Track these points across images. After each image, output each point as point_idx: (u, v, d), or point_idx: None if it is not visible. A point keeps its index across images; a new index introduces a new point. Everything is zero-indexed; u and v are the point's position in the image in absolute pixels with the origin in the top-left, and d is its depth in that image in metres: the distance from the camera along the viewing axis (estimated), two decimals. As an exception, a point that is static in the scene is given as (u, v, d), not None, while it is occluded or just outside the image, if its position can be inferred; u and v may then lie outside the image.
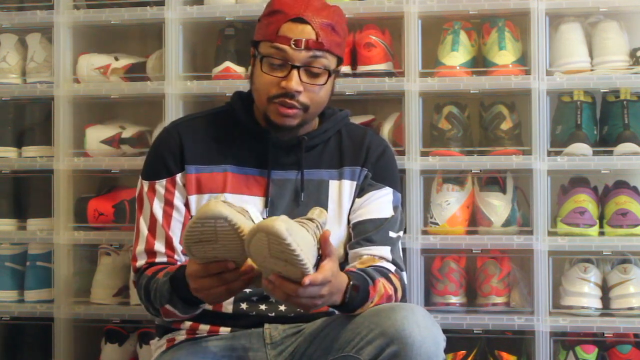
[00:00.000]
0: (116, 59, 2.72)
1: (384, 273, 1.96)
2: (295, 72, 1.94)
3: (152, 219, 2.03)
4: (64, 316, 2.65)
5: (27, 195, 2.76)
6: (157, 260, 2.01)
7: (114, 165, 2.63)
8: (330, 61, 1.98)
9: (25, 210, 2.75)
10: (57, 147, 2.66)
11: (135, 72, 2.70)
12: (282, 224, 1.63)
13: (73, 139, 2.70)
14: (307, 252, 1.67)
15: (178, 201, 2.03)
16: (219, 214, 1.65)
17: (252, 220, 1.73)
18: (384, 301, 1.91)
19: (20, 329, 2.73)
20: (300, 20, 1.94)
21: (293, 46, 1.93)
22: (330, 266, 1.73)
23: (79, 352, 2.70)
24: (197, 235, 1.68)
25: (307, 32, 1.94)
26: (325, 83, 1.98)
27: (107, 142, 2.67)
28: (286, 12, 1.95)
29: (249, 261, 1.74)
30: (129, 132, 2.69)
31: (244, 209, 1.76)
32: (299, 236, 1.66)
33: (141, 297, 2.00)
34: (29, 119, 2.75)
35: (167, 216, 2.02)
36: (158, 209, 2.03)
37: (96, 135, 2.68)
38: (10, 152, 2.73)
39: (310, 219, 1.77)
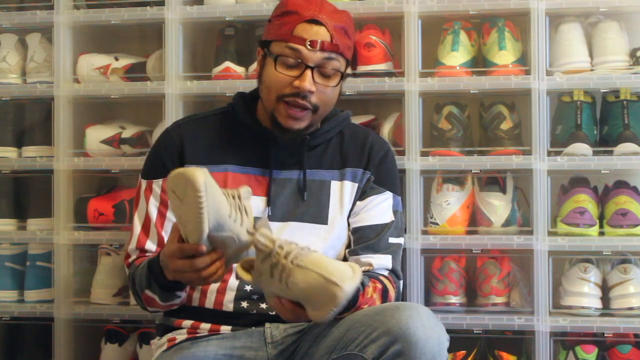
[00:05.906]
0: (116, 59, 2.72)
1: (374, 276, 1.98)
2: (309, 72, 1.96)
3: (147, 218, 2.05)
4: (64, 316, 2.65)
5: (27, 195, 2.76)
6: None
7: (114, 165, 2.63)
8: (341, 64, 2.00)
9: (25, 210, 2.75)
10: (57, 147, 2.66)
11: (135, 72, 2.69)
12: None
13: (73, 139, 2.70)
14: None
15: None
16: (193, 181, 1.64)
17: (239, 207, 1.74)
18: (379, 295, 1.94)
19: (20, 329, 2.73)
20: (315, 21, 1.96)
21: (308, 47, 1.95)
22: None
23: (79, 352, 2.70)
24: (171, 185, 1.69)
25: (321, 34, 1.96)
26: (337, 85, 2.00)
27: (107, 142, 2.67)
28: (301, 13, 1.96)
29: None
30: (129, 132, 2.69)
31: (239, 193, 1.76)
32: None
33: (130, 289, 2.02)
34: (29, 119, 2.75)
35: (161, 216, 2.04)
36: (153, 208, 2.05)
37: (96, 135, 2.68)
38: (10, 152, 2.73)
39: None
